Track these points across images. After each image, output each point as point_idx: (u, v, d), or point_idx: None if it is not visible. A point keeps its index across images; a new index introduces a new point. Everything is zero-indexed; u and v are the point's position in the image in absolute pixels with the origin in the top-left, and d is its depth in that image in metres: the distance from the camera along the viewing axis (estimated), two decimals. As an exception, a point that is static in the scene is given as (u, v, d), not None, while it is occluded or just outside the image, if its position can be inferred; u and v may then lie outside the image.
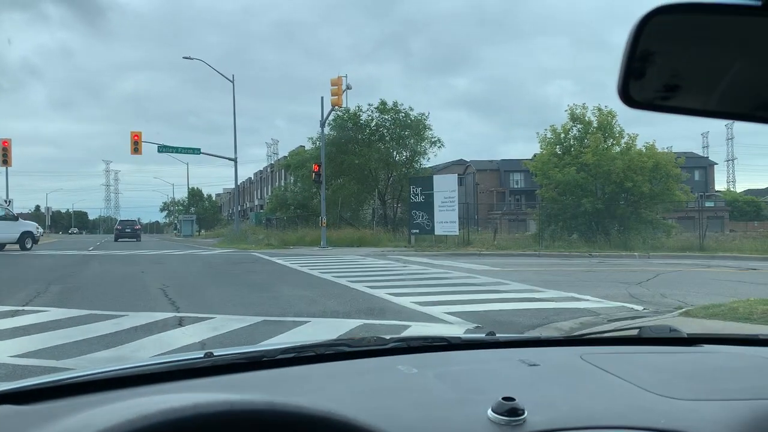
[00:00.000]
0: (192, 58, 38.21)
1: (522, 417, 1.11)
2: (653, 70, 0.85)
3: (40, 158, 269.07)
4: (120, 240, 48.13)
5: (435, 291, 11.03)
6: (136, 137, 35.27)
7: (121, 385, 1.28)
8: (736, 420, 1.18)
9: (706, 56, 0.84)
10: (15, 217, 31.28)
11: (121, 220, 61.31)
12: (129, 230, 50.94)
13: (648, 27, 0.83)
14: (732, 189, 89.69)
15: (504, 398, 1.13)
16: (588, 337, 1.99)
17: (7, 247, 28.78)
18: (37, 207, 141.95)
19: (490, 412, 1.13)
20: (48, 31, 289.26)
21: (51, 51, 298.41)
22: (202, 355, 1.51)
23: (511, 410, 1.11)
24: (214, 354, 1.52)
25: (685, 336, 1.86)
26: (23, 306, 9.26)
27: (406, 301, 9.62)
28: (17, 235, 29.94)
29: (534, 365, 1.51)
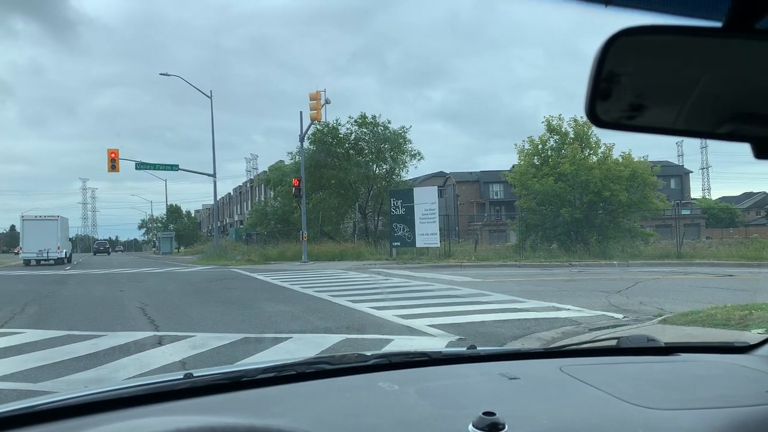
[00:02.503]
0: (169, 74, 38.07)
1: None
2: (619, 91, 0.87)
3: (14, 177, 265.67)
4: (97, 254, 79.71)
5: (417, 304, 11.02)
6: (113, 155, 34.90)
7: (99, 409, 1.26)
8: (711, 429, 1.20)
9: (670, 77, 0.87)
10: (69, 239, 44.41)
11: (97, 241, 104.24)
12: (102, 248, 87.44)
13: (613, 49, 0.85)
14: (707, 197, 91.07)
15: (485, 413, 1.14)
16: (567, 348, 2.00)
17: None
18: (12, 227, 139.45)
19: (471, 427, 1.13)
20: (17, 47, 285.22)
21: (21, 67, 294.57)
22: (181, 376, 1.50)
23: (491, 425, 1.12)
24: (194, 375, 1.51)
25: (663, 345, 1.88)
26: (-2, 328, 9.09)
27: (388, 315, 9.60)
28: (69, 251, 43.56)
29: (514, 379, 1.52)
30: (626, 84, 0.87)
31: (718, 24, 0.81)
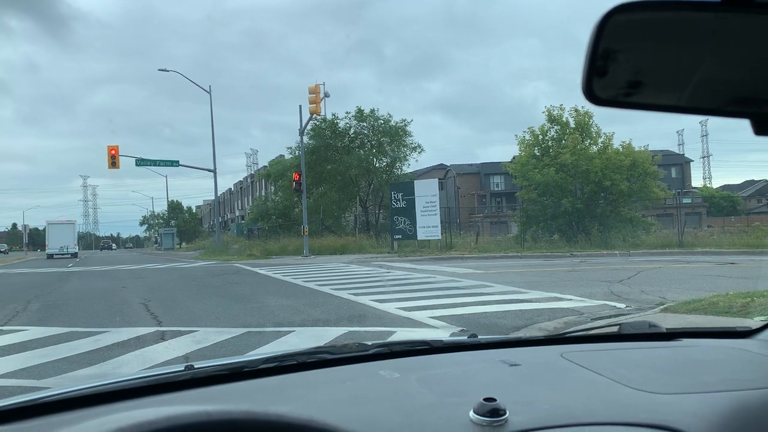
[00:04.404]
0: (167, 70, 38.03)
1: (503, 417, 1.11)
2: (616, 68, 0.86)
3: (13, 175, 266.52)
4: (102, 250, 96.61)
5: (419, 296, 11.03)
6: (113, 151, 34.88)
7: (99, 401, 1.26)
8: (714, 412, 1.19)
9: (668, 53, 0.86)
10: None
11: (102, 240, 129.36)
12: (106, 245, 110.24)
13: (609, 25, 0.84)
14: (708, 185, 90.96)
15: (485, 399, 1.13)
16: (568, 335, 2.00)
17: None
18: (14, 225, 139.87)
19: (471, 413, 1.13)
20: (11, 45, 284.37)
21: (16, 65, 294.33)
22: (182, 368, 1.50)
23: (492, 411, 1.11)
24: (195, 366, 1.50)
25: (664, 331, 1.87)
26: (1, 326, 9.10)
27: (390, 307, 9.61)
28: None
29: (515, 365, 1.52)
30: (623, 61, 0.86)
31: None
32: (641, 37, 0.85)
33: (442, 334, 7.37)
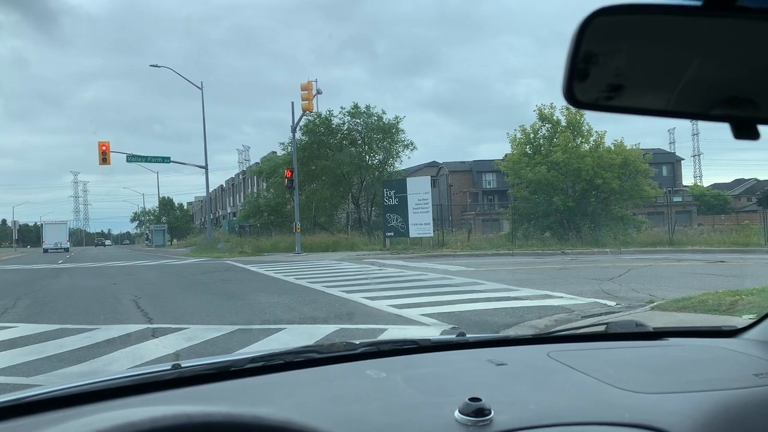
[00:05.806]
0: (159, 66, 37.82)
1: (488, 417, 1.11)
2: (596, 71, 0.87)
3: (2, 171, 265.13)
4: (97, 246, 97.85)
5: (411, 293, 11.04)
6: (104, 147, 34.67)
7: (84, 401, 1.26)
8: (698, 411, 1.20)
9: (649, 56, 0.86)
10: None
11: (96, 236, 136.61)
12: (100, 242, 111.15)
13: (590, 29, 0.84)
14: (699, 184, 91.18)
15: (470, 399, 1.13)
16: (556, 334, 2.01)
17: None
18: (3, 221, 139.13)
19: (457, 413, 1.13)
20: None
21: (4, 60, 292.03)
22: (169, 367, 1.49)
23: (477, 411, 1.12)
24: (182, 365, 1.50)
25: (651, 330, 1.88)
26: (-9, 323, 9.05)
27: (382, 305, 9.62)
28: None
29: (502, 365, 1.52)
30: (604, 64, 0.86)
31: (697, 3, 0.81)
32: (622, 40, 0.85)
33: (433, 331, 7.39)
